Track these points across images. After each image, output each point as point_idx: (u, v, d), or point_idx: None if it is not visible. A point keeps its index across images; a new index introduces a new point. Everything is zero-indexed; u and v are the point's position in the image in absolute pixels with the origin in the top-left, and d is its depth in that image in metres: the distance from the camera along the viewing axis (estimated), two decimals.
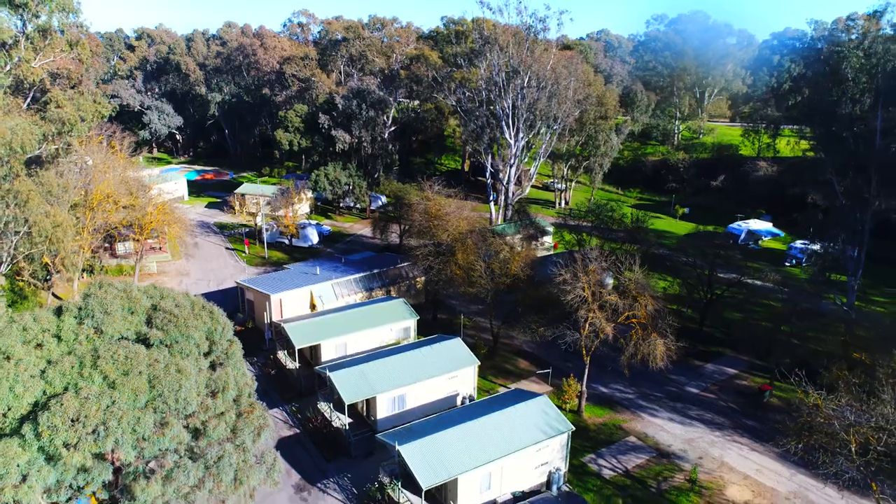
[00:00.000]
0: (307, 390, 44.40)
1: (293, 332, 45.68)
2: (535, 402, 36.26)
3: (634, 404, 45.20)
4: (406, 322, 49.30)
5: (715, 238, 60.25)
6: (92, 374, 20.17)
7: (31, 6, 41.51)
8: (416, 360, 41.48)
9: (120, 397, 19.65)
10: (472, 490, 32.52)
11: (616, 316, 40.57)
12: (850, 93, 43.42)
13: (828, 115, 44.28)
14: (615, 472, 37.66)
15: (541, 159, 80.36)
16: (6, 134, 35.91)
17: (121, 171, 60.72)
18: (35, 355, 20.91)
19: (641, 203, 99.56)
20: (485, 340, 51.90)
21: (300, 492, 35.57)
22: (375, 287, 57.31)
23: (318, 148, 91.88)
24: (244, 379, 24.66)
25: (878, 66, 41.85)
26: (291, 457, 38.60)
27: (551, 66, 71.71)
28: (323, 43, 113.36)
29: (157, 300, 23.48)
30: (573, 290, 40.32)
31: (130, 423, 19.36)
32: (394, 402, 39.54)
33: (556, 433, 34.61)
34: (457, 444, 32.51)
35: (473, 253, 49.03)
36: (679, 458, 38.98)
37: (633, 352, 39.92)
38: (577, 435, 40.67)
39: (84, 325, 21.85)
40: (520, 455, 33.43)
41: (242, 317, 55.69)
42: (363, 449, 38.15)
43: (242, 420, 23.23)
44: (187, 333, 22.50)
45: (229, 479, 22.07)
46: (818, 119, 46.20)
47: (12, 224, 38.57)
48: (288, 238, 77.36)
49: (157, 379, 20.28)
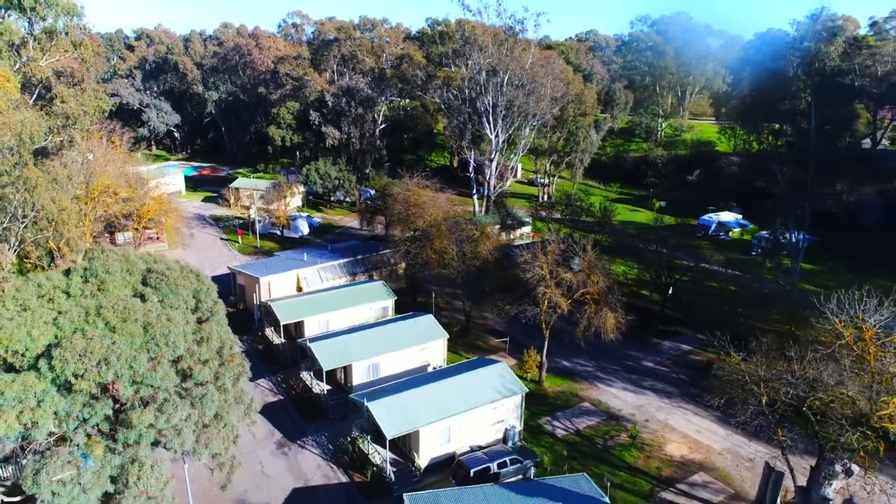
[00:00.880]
0: (291, 362, 48.35)
1: (279, 309, 49.65)
2: (493, 367, 40.23)
3: (593, 376, 49.19)
4: (384, 302, 53.25)
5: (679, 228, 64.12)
6: (96, 321, 24.09)
7: (39, 10, 45.44)
8: (389, 333, 45.47)
9: (119, 339, 23.56)
10: (433, 442, 36.46)
11: (572, 293, 44.55)
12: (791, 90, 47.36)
13: (771, 110, 48.25)
14: (567, 431, 41.64)
15: (520, 154, 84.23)
16: (17, 125, 39.83)
17: (120, 164, 64.67)
18: (47, 307, 24.85)
19: (621, 197, 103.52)
20: (459, 320, 55.89)
21: (281, 448, 39.54)
22: (358, 272, 61.24)
23: (308, 144, 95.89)
24: (227, 334, 28.57)
25: (812, 66, 45.78)
26: (275, 420, 42.56)
27: (529, 66, 75.63)
28: (316, 43, 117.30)
29: (151, 264, 27.43)
30: (532, 269, 44.31)
31: (128, 359, 23.24)
32: (368, 370, 43.48)
33: (511, 394, 38.55)
34: (419, 402, 36.47)
35: (447, 238, 52.93)
36: (627, 420, 42.95)
37: (587, 324, 43.89)
38: (536, 401, 44.77)
39: (89, 282, 25.78)
40: (477, 412, 37.35)
41: (234, 299, 59.67)
42: (340, 412, 42.05)
43: (224, 367, 27.17)
44: (176, 291, 26.45)
45: (212, 414, 26.02)
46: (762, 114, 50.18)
47: (21, 208, 42.46)
48: (279, 229, 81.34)
49: (150, 325, 24.19)
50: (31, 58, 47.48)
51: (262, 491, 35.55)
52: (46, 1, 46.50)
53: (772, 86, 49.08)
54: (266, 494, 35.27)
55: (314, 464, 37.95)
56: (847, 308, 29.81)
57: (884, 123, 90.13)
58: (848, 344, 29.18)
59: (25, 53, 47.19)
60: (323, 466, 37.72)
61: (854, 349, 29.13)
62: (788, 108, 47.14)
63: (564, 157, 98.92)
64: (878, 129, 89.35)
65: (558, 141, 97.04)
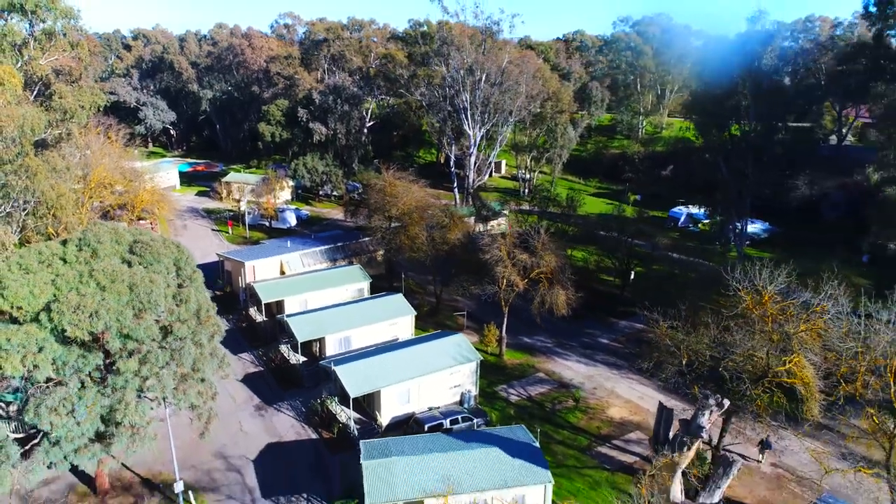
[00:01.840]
0: (271, 337, 52.36)
1: (261, 289, 53.71)
2: (451, 338, 44.30)
3: (551, 350, 53.25)
4: (360, 284, 57.27)
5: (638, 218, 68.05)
6: (88, 281, 28.06)
7: (39, 13, 49.39)
8: (361, 310, 49.53)
9: (108, 297, 27.53)
10: (394, 403, 40.48)
11: (527, 272, 48.61)
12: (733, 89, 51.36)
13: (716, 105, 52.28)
14: (520, 397, 45.69)
15: (497, 149, 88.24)
16: (19, 118, 43.75)
17: (116, 158, 68.61)
18: (47, 271, 28.81)
19: (600, 192, 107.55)
20: (430, 302, 59.96)
21: (259, 410, 43.59)
22: (339, 258, 65.23)
23: (297, 139, 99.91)
24: (204, 298, 32.57)
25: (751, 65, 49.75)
26: (255, 387, 46.62)
27: (505, 65, 79.66)
28: (307, 43, 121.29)
29: (137, 236, 31.41)
30: (491, 251, 48.40)
31: (115, 313, 27.19)
32: (340, 343, 47.52)
33: (466, 361, 42.60)
34: (381, 366, 40.53)
35: (418, 225, 56.96)
36: (576, 388, 46.98)
37: (541, 301, 47.97)
38: (494, 372, 48.86)
39: (83, 250, 29.75)
40: (434, 376, 41.40)
41: (221, 283, 63.73)
42: (313, 380, 46.05)
43: (201, 325, 31.18)
44: (158, 259, 30.44)
45: (189, 365, 30.01)
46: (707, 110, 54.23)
47: (23, 195, 46.47)
48: (268, 221, 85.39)
49: (135, 286, 28.15)
50: (32, 57, 51.47)
51: (239, 445, 39.58)
52: (46, 4, 50.48)
53: (718, 84, 53.07)
54: (243, 448, 39.31)
55: (288, 424, 41.99)
56: (750, 277, 33.85)
57: (849, 120, 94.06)
58: (749, 308, 33.22)
59: (27, 53, 51.19)
60: (296, 426, 41.76)
61: (754, 312, 33.17)
62: (732, 104, 51.09)
63: (544, 153, 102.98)
64: (843, 126, 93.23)
65: (538, 137, 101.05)
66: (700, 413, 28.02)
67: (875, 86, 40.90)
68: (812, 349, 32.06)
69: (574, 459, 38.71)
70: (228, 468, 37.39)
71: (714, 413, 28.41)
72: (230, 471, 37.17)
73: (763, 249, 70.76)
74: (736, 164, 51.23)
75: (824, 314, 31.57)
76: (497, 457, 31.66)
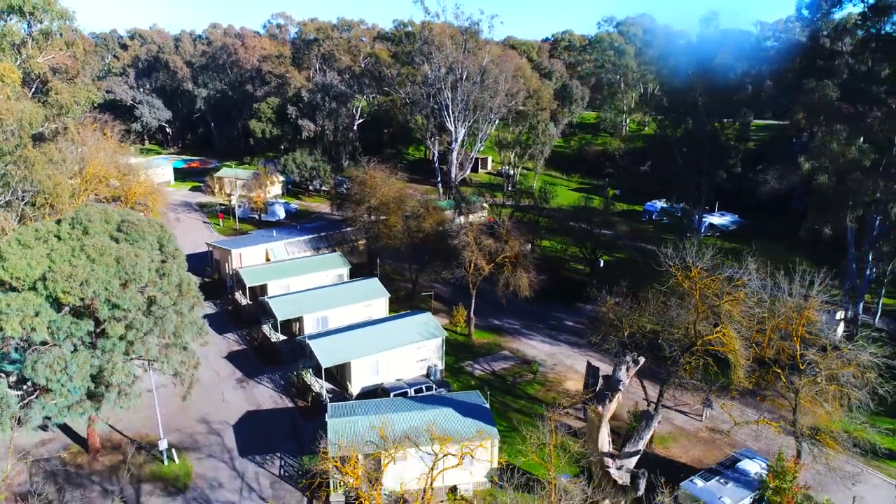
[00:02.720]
0: (255, 319, 55.73)
1: (246, 274, 57.11)
2: (419, 316, 47.74)
3: (518, 331, 56.69)
4: (340, 270, 60.67)
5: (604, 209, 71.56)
6: (79, 255, 31.44)
7: (37, 14, 52.68)
8: (337, 292, 52.97)
9: (97, 268, 30.90)
10: (364, 374, 43.89)
11: (493, 257, 52.04)
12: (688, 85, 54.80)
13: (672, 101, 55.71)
14: (484, 372, 49.13)
15: (479, 145, 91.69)
16: (18, 112, 47.06)
17: (111, 153, 71.95)
18: (43, 246, 32.17)
19: (581, 187, 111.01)
20: (406, 287, 63.39)
21: (240, 383, 47.02)
22: (322, 247, 68.58)
23: (287, 136, 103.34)
24: (186, 273, 35.94)
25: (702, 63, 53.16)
26: (238, 363, 50.03)
27: (484, 64, 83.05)
28: (298, 43, 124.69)
29: (124, 216, 34.83)
30: (459, 237, 51.84)
31: (103, 282, 30.56)
32: (318, 322, 50.92)
33: (432, 337, 46.03)
34: (352, 341, 43.96)
35: (395, 214, 60.40)
36: (539, 364, 50.38)
37: (506, 283, 51.42)
38: (463, 350, 52.30)
39: (75, 228, 33.14)
40: (402, 350, 44.82)
41: (210, 270, 67.15)
42: (291, 356, 49.36)
43: (182, 297, 34.59)
44: (143, 236, 33.83)
45: (171, 330, 33.41)
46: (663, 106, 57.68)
47: (21, 184, 49.84)
48: (258, 214, 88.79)
49: (122, 259, 31.53)
50: (30, 55, 54.76)
51: (221, 413, 42.99)
52: (43, 6, 53.77)
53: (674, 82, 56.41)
54: (224, 415, 42.72)
55: (267, 394, 45.42)
56: (681, 256, 37.30)
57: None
58: (679, 282, 36.66)
59: (25, 52, 54.46)
60: (274, 396, 45.19)
61: (684, 285, 36.60)
62: (688, 101, 54.44)
63: (527, 150, 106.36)
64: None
65: (521, 134, 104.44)
66: (618, 368, 31.43)
67: (807, 82, 44.21)
68: (739, 322, 35.48)
69: (528, 425, 42.02)
70: (210, 431, 40.79)
71: (631, 369, 31.79)
72: (211, 434, 40.57)
73: (731, 241, 74.23)
74: (691, 158, 54.62)
75: (743, 287, 34.97)
76: (450, 415, 35.04)
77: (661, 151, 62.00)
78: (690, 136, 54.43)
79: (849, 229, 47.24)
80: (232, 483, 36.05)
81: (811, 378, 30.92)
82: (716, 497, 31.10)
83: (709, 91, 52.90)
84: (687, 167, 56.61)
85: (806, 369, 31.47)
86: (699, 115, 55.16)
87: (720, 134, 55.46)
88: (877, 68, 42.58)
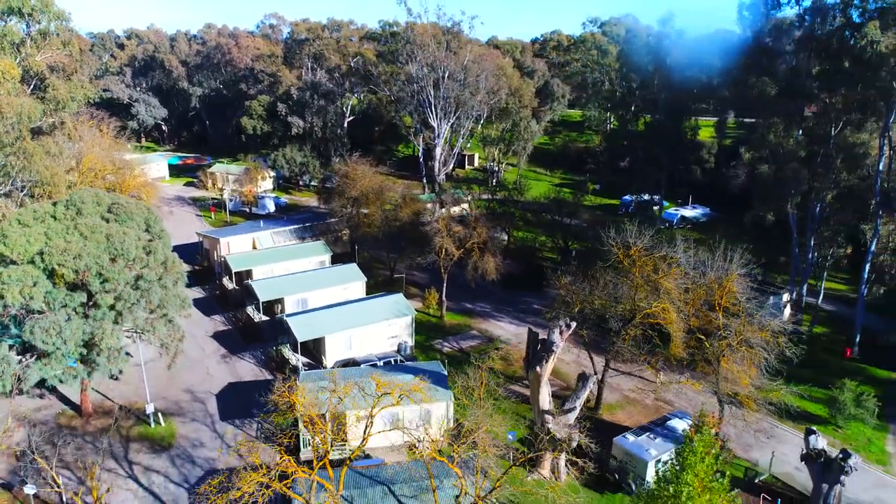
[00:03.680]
0: (240, 303, 59.25)
1: (233, 260, 60.64)
2: (391, 297, 51.32)
3: (489, 314, 60.26)
4: (322, 257, 64.22)
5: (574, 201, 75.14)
6: (73, 232, 34.97)
7: (35, 15, 56.23)
8: (318, 276, 56.51)
9: (88, 244, 34.41)
10: (337, 348, 47.43)
11: (462, 243, 55.59)
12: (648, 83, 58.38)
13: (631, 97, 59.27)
14: (452, 349, 52.69)
15: (461, 140, 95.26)
16: (17, 107, 50.59)
17: (106, 148, 75.46)
18: (40, 225, 35.70)
19: (563, 182, 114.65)
20: (385, 275, 66.94)
21: (224, 358, 50.55)
22: (307, 237, 72.12)
23: (277, 132, 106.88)
24: (171, 252, 39.47)
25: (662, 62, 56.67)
26: (223, 341, 53.55)
27: (465, 63, 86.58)
28: (290, 43, 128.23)
29: (114, 199, 38.37)
30: (431, 225, 55.42)
31: (94, 257, 34.07)
32: (298, 303, 54.45)
33: (402, 315, 49.58)
34: (327, 318, 47.52)
35: (374, 204, 63.96)
36: (503, 342, 53.98)
37: (474, 267, 54.99)
38: (434, 330, 55.85)
39: (69, 210, 36.67)
40: (373, 327, 48.37)
41: (200, 258, 70.68)
42: (272, 334, 52.90)
43: (167, 272, 38.12)
44: (131, 217, 37.37)
45: (156, 301, 36.93)
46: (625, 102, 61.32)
47: (21, 174, 53.36)
48: (248, 207, 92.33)
49: (111, 236, 35.05)
50: (29, 54, 58.25)
51: (205, 384, 46.53)
52: (41, 8, 57.30)
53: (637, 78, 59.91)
54: (208, 386, 46.26)
55: (248, 368, 48.97)
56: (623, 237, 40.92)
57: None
58: (620, 259, 40.28)
59: (24, 50, 57.96)
60: (255, 370, 48.74)
61: (624, 262, 40.20)
62: (650, 97, 57.96)
63: (511, 146, 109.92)
64: None
65: (504, 131, 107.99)
66: (552, 331, 34.99)
67: (748, 77, 47.68)
68: (672, 295, 39.05)
69: (488, 395, 45.59)
70: (194, 400, 44.34)
71: (564, 332, 35.33)
72: (195, 402, 44.12)
73: (700, 232, 77.78)
74: (652, 152, 58.20)
75: (676, 264, 38.59)
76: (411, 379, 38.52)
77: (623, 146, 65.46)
78: (651, 132, 57.89)
79: (791, 216, 50.75)
80: (213, 443, 39.59)
81: (726, 341, 34.49)
82: (644, 449, 34.65)
83: (666, 88, 56.39)
84: (648, 161, 60.19)
85: (725, 334, 35.04)
86: (659, 111, 58.71)
87: (678, 130, 59.01)
88: (811, 66, 46.09)
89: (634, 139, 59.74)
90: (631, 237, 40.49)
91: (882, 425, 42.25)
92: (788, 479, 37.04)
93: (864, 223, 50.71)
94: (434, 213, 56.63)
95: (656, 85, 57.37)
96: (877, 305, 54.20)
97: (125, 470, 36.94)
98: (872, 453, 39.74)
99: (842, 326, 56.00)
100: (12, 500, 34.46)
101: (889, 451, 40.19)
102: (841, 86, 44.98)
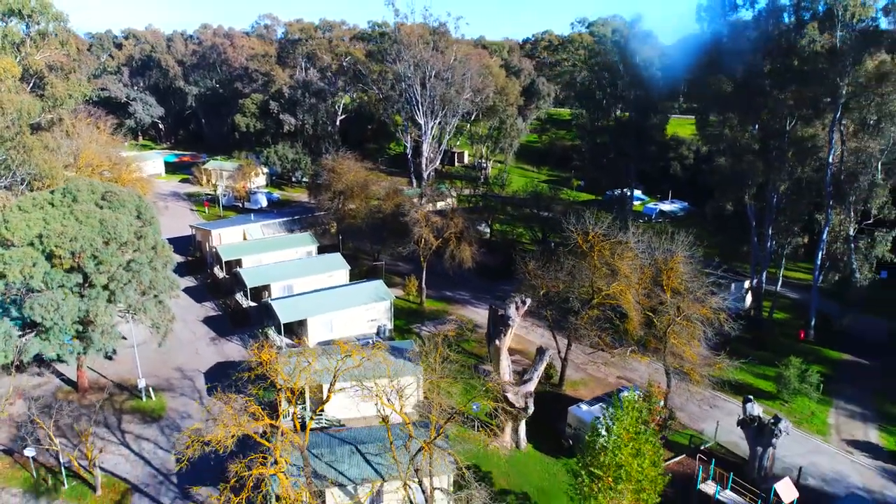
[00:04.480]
0: (230, 290, 62.20)
1: (223, 250, 63.60)
2: (371, 283, 54.32)
3: (467, 301, 63.23)
4: (309, 247, 67.15)
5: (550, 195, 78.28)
6: (69, 217, 37.90)
7: (35, 17, 59.21)
8: (302, 264, 59.48)
9: (83, 228, 37.35)
10: (319, 330, 50.38)
11: (441, 232, 58.56)
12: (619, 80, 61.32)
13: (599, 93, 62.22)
14: (429, 332, 55.57)
15: (448, 137, 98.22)
16: (17, 103, 53.51)
17: (103, 144, 78.38)
18: (39, 212, 38.67)
19: (550, 178, 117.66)
20: (368, 264, 69.91)
21: (213, 341, 53.51)
22: (296, 229, 74.99)
23: (269, 130, 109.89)
24: (161, 238, 42.43)
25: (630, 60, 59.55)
26: (213, 325, 56.48)
27: (451, 62, 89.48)
28: (284, 42, 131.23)
29: (108, 188, 41.33)
30: (411, 215, 58.36)
31: (89, 239, 37.01)
32: (284, 290, 57.37)
33: (381, 300, 52.56)
34: (309, 302, 50.48)
35: (359, 196, 66.93)
36: (478, 327, 56.93)
37: (451, 255, 57.97)
38: (414, 315, 58.78)
39: (66, 197, 39.61)
40: (354, 310, 51.32)
41: (192, 249, 73.64)
42: (259, 319, 55.82)
43: (157, 256, 41.08)
44: (124, 204, 40.33)
45: (147, 283, 39.88)
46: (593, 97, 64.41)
47: (21, 167, 56.29)
48: (241, 202, 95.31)
49: (104, 221, 37.99)
50: (28, 53, 61.20)
51: (194, 363, 49.48)
52: (40, 9, 60.23)
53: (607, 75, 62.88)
54: (197, 365, 49.21)
55: (236, 349, 51.92)
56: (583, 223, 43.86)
57: None
58: (580, 244, 43.24)
59: (24, 50, 60.91)
60: (241, 351, 51.64)
61: (583, 247, 43.16)
62: (619, 94, 60.92)
63: (498, 143, 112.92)
64: None
65: (492, 129, 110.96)
66: (507, 307, 37.94)
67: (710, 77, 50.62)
68: (628, 277, 42.00)
69: (459, 373, 48.54)
70: (183, 377, 47.30)
71: (520, 308, 38.27)
72: (185, 379, 47.08)
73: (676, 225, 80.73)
74: (619, 147, 61.20)
75: (630, 249, 41.56)
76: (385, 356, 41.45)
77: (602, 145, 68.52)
78: (619, 127, 60.78)
79: (749, 207, 53.71)
80: (200, 415, 42.48)
81: (668, 317, 37.47)
82: (595, 417, 37.52)
83: (634, 85, 59.29)
84: (618, 156, 63.18)
85: (669, 311, 38.01)
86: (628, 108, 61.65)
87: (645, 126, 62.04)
88: (764, 65, 49.01)
89: (601, 133, 62.79)
90: (589, 224, 43.40)
91: (826, 399, 45.26)
92: (733, 447, 40.02)
93: (817, 213, 53.64)
94: (416, 205, 59.50)
95: (624, 83, 60.33)
96: (833, 293, 57.13)
97: (118, 437, 39.89)
98: (814, 425, 42.74)
99: (800, 312, 59.00)
100: (13, 464, 37.39)
101: (829, 422, 43.18)
102: (791, 84, 47.91)
